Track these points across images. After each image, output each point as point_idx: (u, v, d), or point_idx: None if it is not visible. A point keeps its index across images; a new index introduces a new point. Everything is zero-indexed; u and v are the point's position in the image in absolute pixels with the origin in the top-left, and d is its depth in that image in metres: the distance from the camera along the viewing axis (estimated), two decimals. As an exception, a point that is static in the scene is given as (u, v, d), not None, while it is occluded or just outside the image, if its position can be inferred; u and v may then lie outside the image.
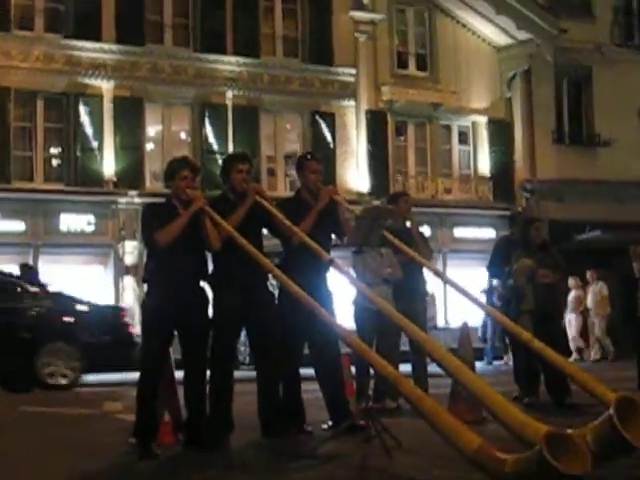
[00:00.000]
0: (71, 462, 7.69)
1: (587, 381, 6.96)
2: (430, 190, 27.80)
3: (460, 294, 8.70)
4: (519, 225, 12.54)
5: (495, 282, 13.83)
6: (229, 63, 25.96)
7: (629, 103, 30.21)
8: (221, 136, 25.61)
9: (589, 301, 23.94)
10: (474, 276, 21.50)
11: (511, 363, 13.87)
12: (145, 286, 8.37)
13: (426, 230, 18.64)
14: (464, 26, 28.78)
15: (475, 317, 21.04)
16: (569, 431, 5.40)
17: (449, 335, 21.79)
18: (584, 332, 24.47)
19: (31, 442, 9.36)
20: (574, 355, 24.01)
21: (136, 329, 15.48)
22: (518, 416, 6.04)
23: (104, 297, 24.43)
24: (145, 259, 8.54)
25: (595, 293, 23.74)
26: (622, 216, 24.66)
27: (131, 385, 8.70)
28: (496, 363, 23.22)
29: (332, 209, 8.77)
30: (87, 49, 24.55)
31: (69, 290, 23.26)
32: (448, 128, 28.94)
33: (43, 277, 23.69)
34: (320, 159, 9.52)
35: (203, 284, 8.27)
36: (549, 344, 7.75)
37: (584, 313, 24.21)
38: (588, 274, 23.97)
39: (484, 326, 23.52)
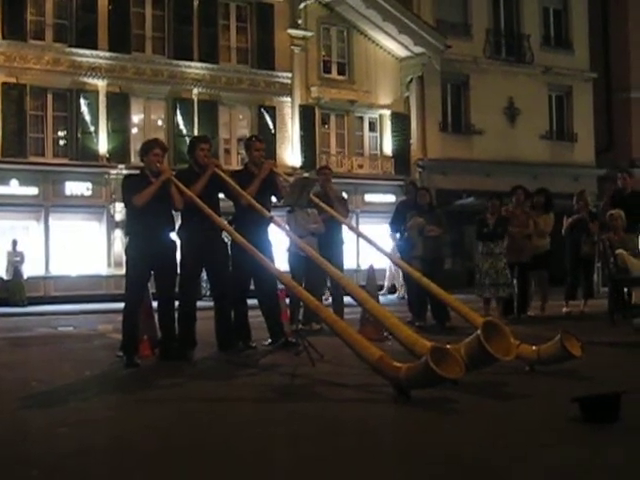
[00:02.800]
0: (75, 369, 7.66)
1: (461, 308, 7.02)
2: (347, 166, 27.76)
3: (368, 244, 8.69)
4: (411, 192, 12.55)
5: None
6: (195, 67, 25.64)
7: (496, 102, 30.34)
8: (188, 123, 25.33)
9: None
10: (380, 230, 21.63)
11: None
12: (127, 238, 8.27)
13: (344, 196, 18.48)
14: (374, 42, 28.61)
15: (379, 262, 21.06)
16: (448, 346, 5.42)
17: (360, 275, 21.86)
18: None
19: (44, 354, 9.29)
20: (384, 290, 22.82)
21: None
22: (410, 335, 6.07)
23: (99, 246, 24.27)
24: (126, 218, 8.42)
25: None
26: (489, 186, 24.69)
27: (118, 312, 8.58)
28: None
29: (272, 178, 8.73)
30: (86, 55, 24.09)
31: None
32: (361, 119, 28.82)
33: (53, 230, 23.59)
34: (263, 141, 9.49)
35: (172, 235, 8.20)
36: (434, 281, 7.78)
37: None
38: None
39: None
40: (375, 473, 3.70)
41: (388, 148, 28.80)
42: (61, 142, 24.31)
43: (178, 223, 8.33)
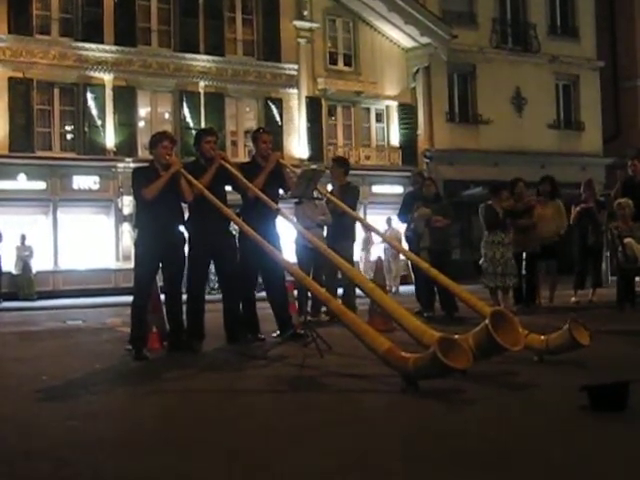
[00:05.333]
0: (84, 362, 7.68)
1: (469, 299, 7.01)
2: (354, 157, 27.64)
3: (377, 235, 8.69)
4: (418, 183, 12.53)
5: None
6: (201, 60, 25.64)
7: (503, 92, 30.27)
8: (195, 116, 25.35)
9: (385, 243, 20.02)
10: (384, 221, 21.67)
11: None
12: (136, 231, 8.30)
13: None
14: (380, 33, 28.56)
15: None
16: (456, 336, 5.43)
17: (368, 266, 21.85)
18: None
19: (53, 348, 9.31)
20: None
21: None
22: (418, 325, 6.07)
23: (107, 240, 24.32)
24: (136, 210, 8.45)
25: (392, 237, 19.09)
26: (497, 176, 24.59)
27: (126, 306, 8.61)
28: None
29: (279, 170, 8.74)
30: (92, 49, 24.12)
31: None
32: (368, 110, 28.78)
33: (61, 225, 23.64)
34: (270, 133, 9.48)
35: (181, 228, 8.23)
36: (441, 271, 7.78)
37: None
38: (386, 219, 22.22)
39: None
40: (382, 464, 3.71)
41: (395, 139, 28.79)
42: (68, 136, 24.36)
43: (186, 216, 8.34)
